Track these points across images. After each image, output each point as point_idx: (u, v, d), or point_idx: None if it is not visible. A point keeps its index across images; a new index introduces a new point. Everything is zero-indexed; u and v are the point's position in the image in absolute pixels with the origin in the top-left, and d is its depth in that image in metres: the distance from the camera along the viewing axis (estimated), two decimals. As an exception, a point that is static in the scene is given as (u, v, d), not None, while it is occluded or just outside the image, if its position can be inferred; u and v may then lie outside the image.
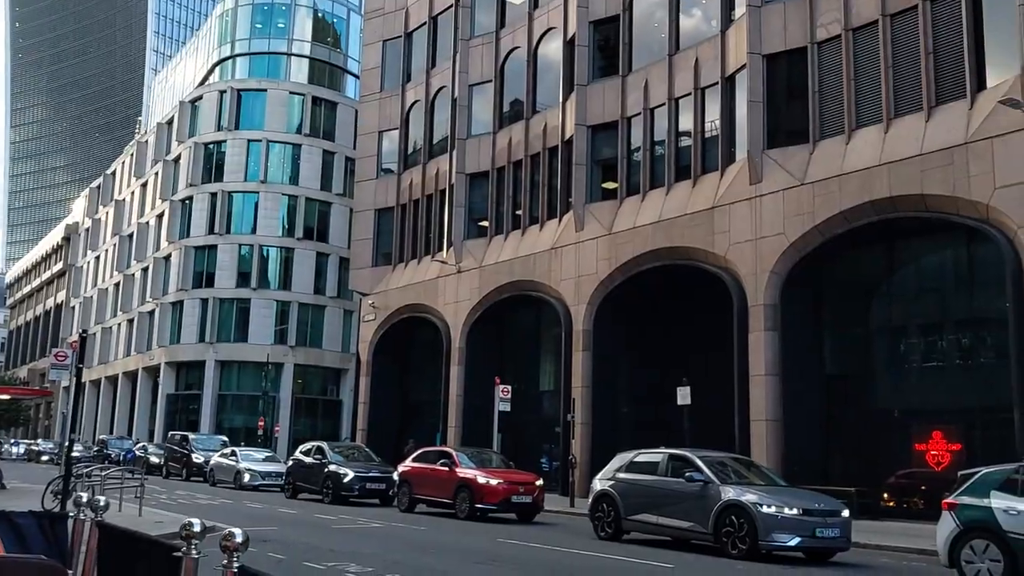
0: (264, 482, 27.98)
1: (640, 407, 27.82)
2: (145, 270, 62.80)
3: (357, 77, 55.38)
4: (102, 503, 4.54)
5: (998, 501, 10.40)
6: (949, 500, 11.00)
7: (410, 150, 39.16)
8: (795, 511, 12.63)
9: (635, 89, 28.49)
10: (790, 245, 22.86)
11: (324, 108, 59.51)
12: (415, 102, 39.05)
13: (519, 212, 32.78)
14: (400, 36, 40.33)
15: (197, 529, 3.58)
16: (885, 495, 22.06)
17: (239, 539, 3.28)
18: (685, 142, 26.90)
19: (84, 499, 4.69)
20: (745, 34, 24.28)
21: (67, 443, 15.98)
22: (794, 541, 12.52)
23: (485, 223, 34.10)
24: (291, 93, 58.77)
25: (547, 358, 32.45)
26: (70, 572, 4.12)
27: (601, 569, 11.23)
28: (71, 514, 4.85)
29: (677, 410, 22.78)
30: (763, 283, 23.17)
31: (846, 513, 13.19)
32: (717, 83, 25.82)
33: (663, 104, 27.50)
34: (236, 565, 3.26)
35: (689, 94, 26.76)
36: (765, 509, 12.61)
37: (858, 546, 15.01)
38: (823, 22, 23.13)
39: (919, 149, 20.45)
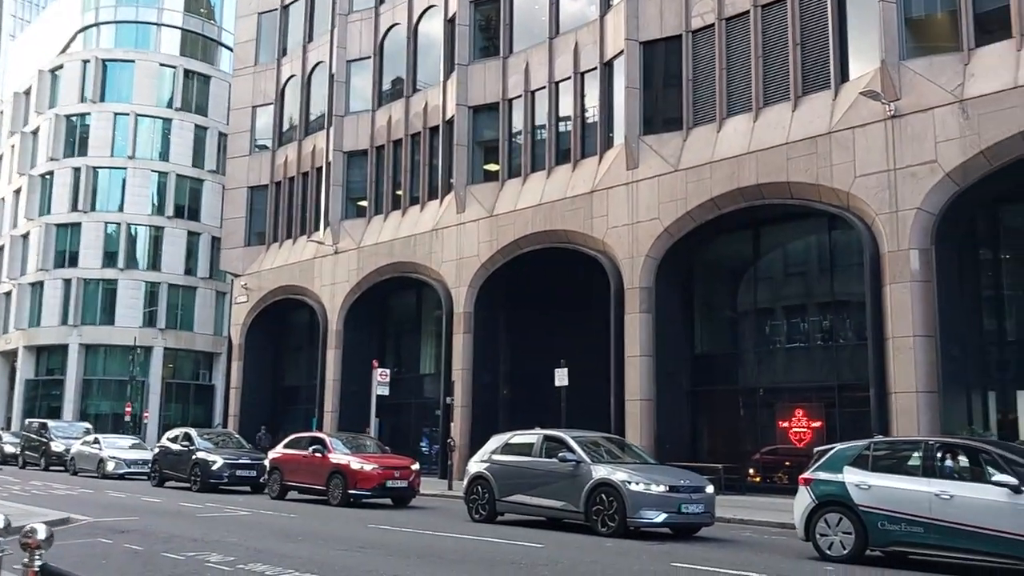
0: (130, 470, 26.78)
1: (520, 389, 27.96)
2: (1, 248, 59.04)
3: (231, 50, 53.44)
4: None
5: (850, 476, 10.86)
6: (805, 475, 11.42)
7: (286, 126, 38.08)
8: (662, 488, 12.89)
9: (516, 71, 28.46)
10: (664, 230, 23.33)
11: (197, 81, 57.25)
12: (291, 77, 37.95)
13: (399, 192, 32.34)
14: (276, 9, 39.11)
15: (1, 525, 3.26)
16: (751, 471, 22.91)
17: (41, 536, 2.96)
18: (565, 126, 27.06)
19: None
20: (623, 20, 24.56)
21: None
22: (661, 517, 12.79)
23: (364, 203, 33.51)
24: (161, 65, 56.29)
25: (428, 341, 32.24)
26: None
27: (472, 551, 11.15)
28: None
29: (556, 391, 23.01)
30: (639, 266, 23.58)
31: (710, 489, 13.56)
32: (596, 68, 26.07)
33: (544, 87, 27.58)
34: (38, 564, 2.94)
35: (569, 78, 26.92)
36: (633, 487, 12.82)
37: (724, 521, 15.52)
38: (698, 11, 23.60)
39: (785, 138, 21.16)
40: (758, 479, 22.71)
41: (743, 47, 22.60)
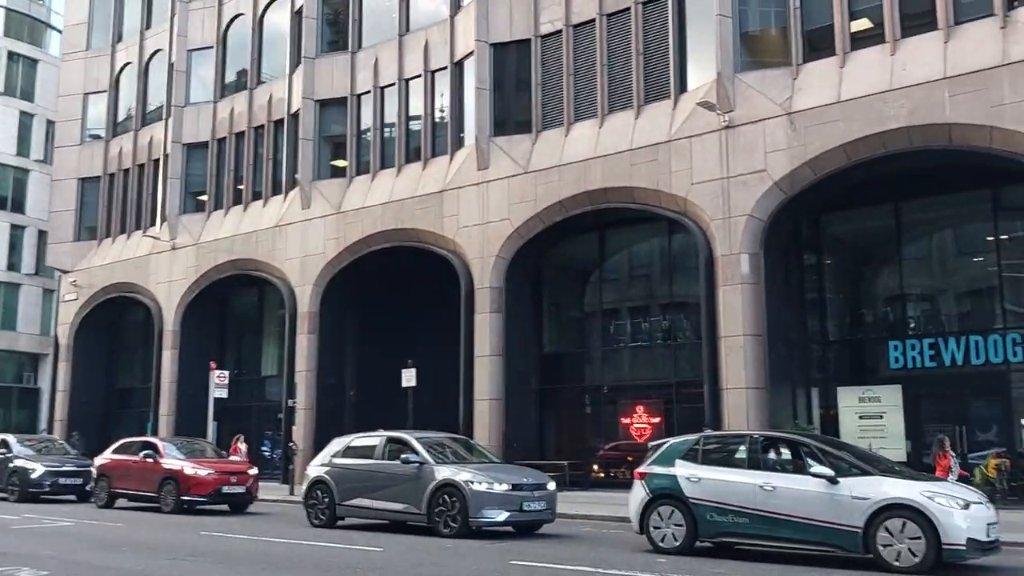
0: (-65, 482, 24.55)
1: (368, 390, 27.48)
2: None
3: (61, 32, 50.11)
4: None
5: (682, 469, 11.24)
6: (640, 470, 11.75)
7: (121, 116, 36.01)
8: (505, 487, 12.96)
9: (365, 67, 28.02)
10: (514, 231, 23.51)
11: (22, 65, 53.37)
12: (127, 64, 35.97)
13: (241, 187, 31.20)
14: (110, -10, 36.93)
15: None
16: (595, 466, 23.44)
17: None
18: (416, 124, 26.84)
19: None
20: (473, 21, 24.61)
21: None
22: (503, 516, 12.85)
23: (203, 197, 32.14)
24: (-19, 45, 52.10)
25: (271, 341, 31.27)
26: None
27: (306, 557, 10.83)
28: None
29: (405, 392, 22.76)
30: (489, 266, 23.68)
31: (552, 487, 13.73)
32: (447, 67, 26.00)
33: (393, 84, 27.27)
34: None
35: (420, 76, 26.71)
36: (476, 487, 12.83)
37: (567, 517, 15.78)
38: (547, 17, 23.92)
39: (629, 144, 21.75)
40: (602, 474, 23.25)
41: (589, 54, 23.08)
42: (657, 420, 22.44)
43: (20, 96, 52.54)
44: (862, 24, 19.35)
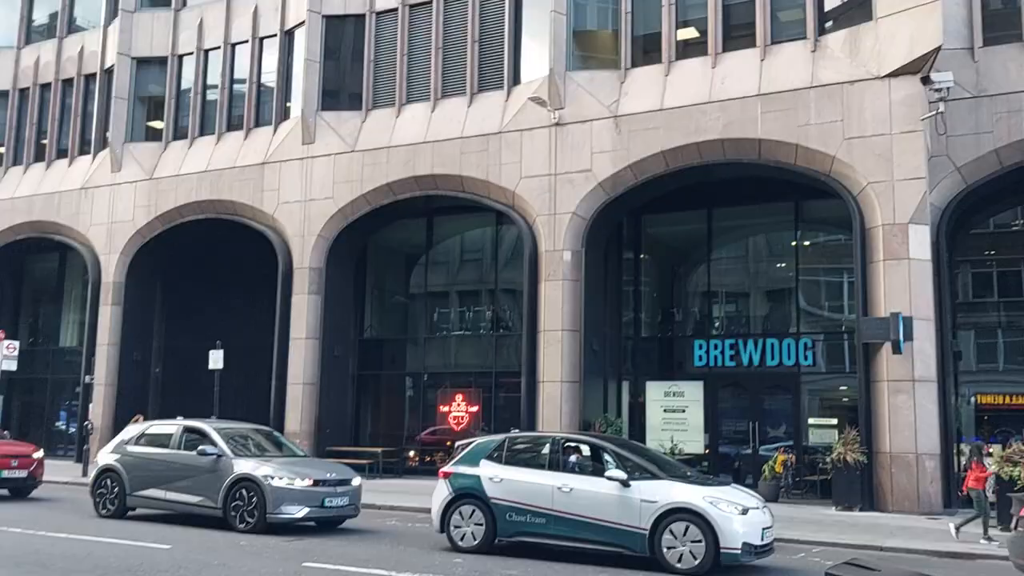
0: None
1: (175, 368, 26.16)
2: None
3: None
4: None
5: (485, 470, 11.29)
6: (445, 469, 11.72)
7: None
8: (306, 483, 12.61)
9: (189, 26, 26.49)
10: (338, 210, 22.92)
11: None
12: (-85, -4, 32.33)
13: (44, 142, 28.83)
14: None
15: None
16: (411, 453, 23.33)
17: None
18: (240, 91, 25.63)
19: None
20: (306, -10, 23.71)
21: None
22: (302, 512, 12.51)
23: (0, 149, 29.48)
24: None
25: (71, 311, 29.20)
26: None
27: (85, 556, 10.12)
28: None
29: (214, 373, 21.78)
30: (309, 246, 23.01)
31: (357, 481, 13.49)
32: (276, 35, 24.98)
33: (219, 47, 25.94)
34: None
35: (247, 41, 25.53)
36: (275, 482, 12.43)
37: (374, 508, 15.60)
38: (385, -9, 23.37)
39: (460, 132, 21.63)
40: (417, 462, 23.17)
41: (425, 36, 22.74)
42: (475, 409, 22.60)
43: None
44: (688, 33, 20.05)
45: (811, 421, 19.71)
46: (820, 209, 19.88)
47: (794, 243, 20.68)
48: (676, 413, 20.65)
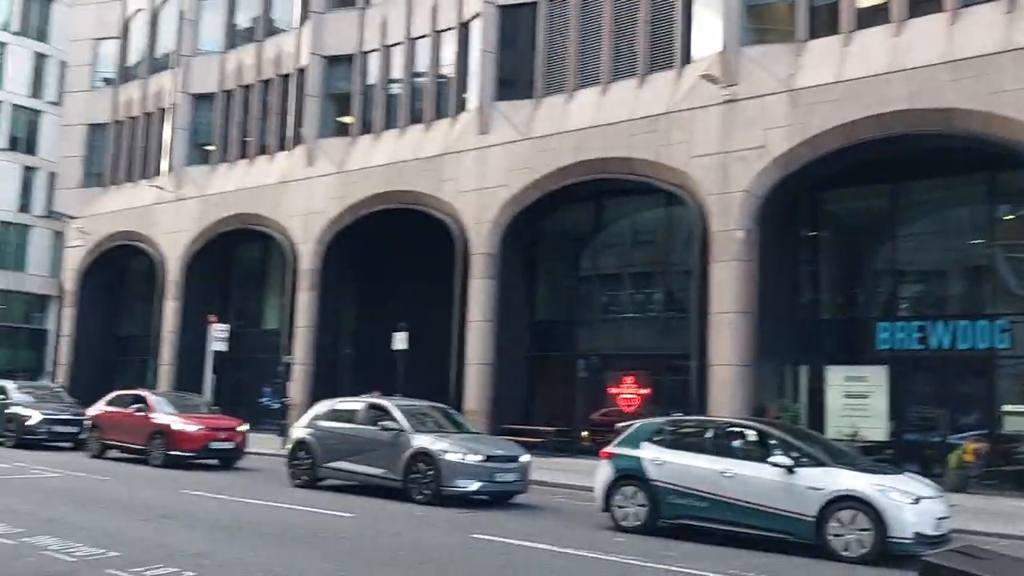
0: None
1: (365, 349, 27.75)
2: None
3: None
4: None
5: (647, 452, 11.43)
6: (607, 450, 11.96)
7: (130, 62, 35.98)
8: (478, 458, 13.21)
9: (373, 25, 27.87)
10: (512, 197, 23.53)
11: (37, 4, 53.19)
12: (138, 10, 35.82)
13: (248, 139, 31.25)
14: (121, -65, 36.67)
15: None
16: (584, 433, 23.67)
17: None
18: (420, 85, 26.76)
19: None
20: (481, -18, 24.37)
21: None
22: (475, 486, 13.12)
23: (210, 148, 32.24)
24: (-4, -17, 51.93)
25: (273, 296, 31.55)
26: None
27: (277, 521, 11.13)
28: None
29: (398, 353, 22.98)
30: (485, 232, 23.76)
31: (525, 458, 13.97)
32: (454, 28, 25.83)
33: (401, 43, 27.13)
34: None
35: (427, 36, 26.58)
36: (449, 457, 13.09)
37: (544, 485, 16.07)
38: (556, -21, 23.67)
39: (630, 114, 21.63)
40: (590, 441, 23.47)
41: (596, 21, 22.85)
42: (645, 391, 22.63)
43: (35, 37, 52.47)
44: (869, 1, 19.07)
45: (1007, 408, 18.37)
46: (1017, 181, 18.44)
47: (988, 218, 19.28)
48: (858, 399, 19.80)
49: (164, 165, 33.01)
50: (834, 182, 20.33)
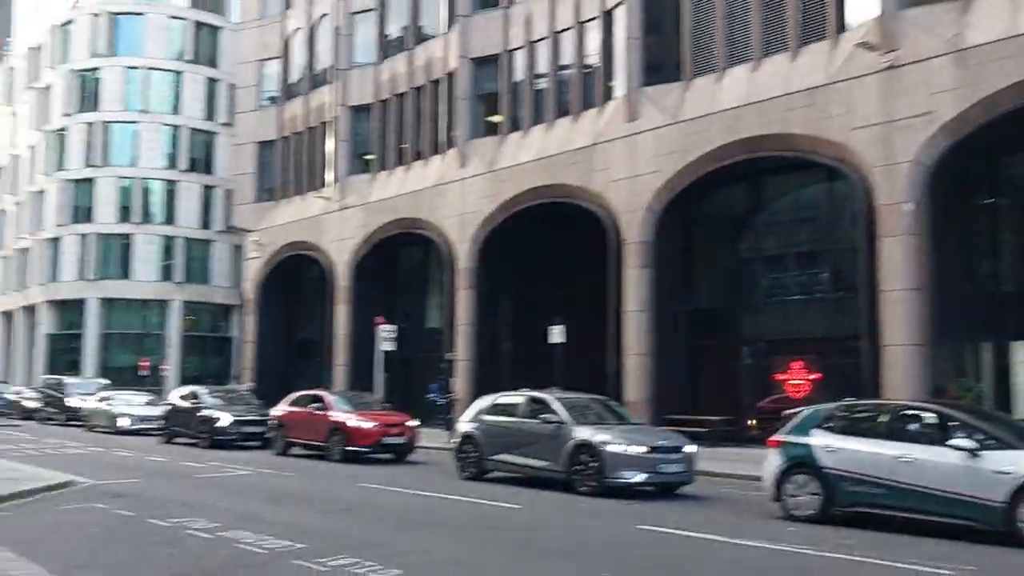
0: (142, 426, 27.38)
1: (522, 343, 28.23)
2: (18, 204, 59.78)
3: None
4: None
5: (818, 439, 11.06)
6: (776, 438, 11.64)
7: (292, 80, 38.01)
8: (641, 449, 13.18)
9: (517, 22, 28.23)
10: (664, 183, 23.29)
11: (207, 33, 57.02)
12: (297, 29, 37.80)
13: (404, 146, 32.37)
14: (279, -40, 38.76)
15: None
16: (751, 422, 23.10)
17: None
18: (566, 78, 26.89)
19: None
20: (623, -32, 24.21)
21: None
22: (639, 477, 13.10)
23: (370, 157, 33.60)
24: (171, 17, 56.02)
25: (433, 296, 32.57)
26: None
27: (449, 512, 11.53)
28: None
29: (559, 345, 23.22)
30: (637, 221, 23.63)
31: (690, 448, 13.81)
32: (597, 17, 25.81)
33: (545, 38, 27.38)
34: None
35: (571, 28, 26.70)
36: (612, 448, 13.12)
37: (711, 475, 15.84)
38: (698, -42, 23.20)
39: (785, 89, 20.95)
40: (758, 431, 22.88)
41: (744, -4, 22.24)
42: (815, 376, 21.84)
43: (206, 63, 56.23)
44: (1043, -53, 17.63)
45: None
46: None
47: None
48: (1052, 376, 18.40)
49: (329, 176, 34.69)
50: (1010, 145, 18.95)
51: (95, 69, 55.05)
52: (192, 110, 55.28)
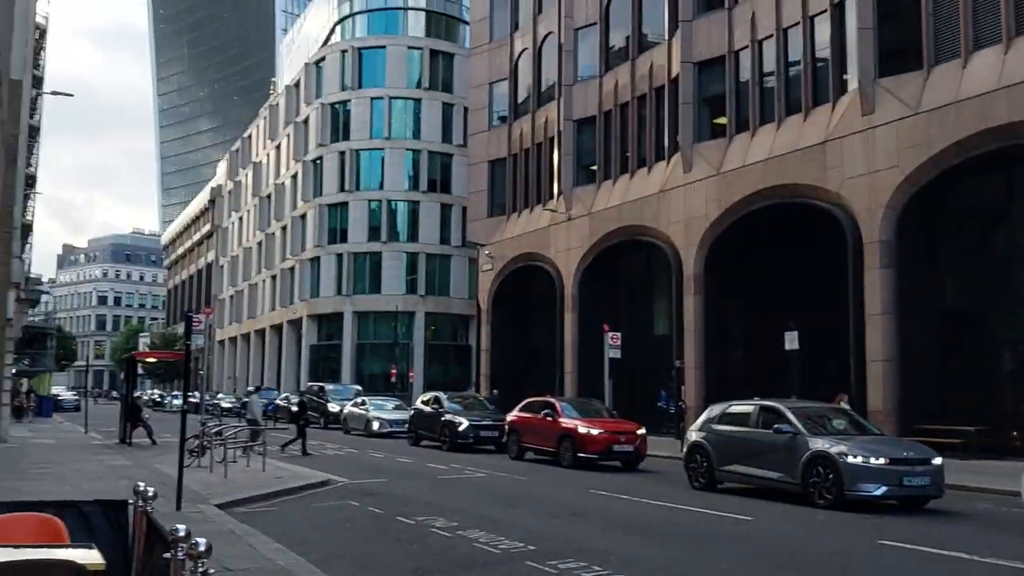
0: (392, 430, 29.45)
1: (754, 350, 27.50)
2: (284, 228, 65.94)
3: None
4: (150, 493, 5.15)
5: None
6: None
7: (519, 99, 39.37)
8: (882, 461, 12.50)
9: (742, 22, 27.67)
10: (905, 178, 21.96)
11: (442, 60, 60.19)
12: (523, 50, 39.13)
13: (627, 155, 32.60)
14: (507, -16, 40.34)
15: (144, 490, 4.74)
16: (1014, 432, 21.13)
17: (202, 548, 3.54)
18: (795, 74, 26.01)
19: (141, 487, 5.25)
20: (852, -43, 23.10)
21: (187, 403, 17.11)
22: (880, 491, 12.43)
23: (594, 168, 34.12)
24: (409, 48, 59.66)
25: (660, 302, 32.44)
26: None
27: (680, 523, 11.53)
28: (130, 501, 5.42)
29: (793, 352, 22.44)
30: (878, 219, 22.41)
31: (937, 461, 12.91)
32: (826, 10, 24.80)
33: (771, 35, 26.65)
34: (200, 572, 3.54)
35: (798, 23, 25.82)
36: (851, 459, 12.54)
37: (964, 489, 14.73)
38: (936, -64, 21.70)
39: (1042, 69, 19.11)
40: (1021, 442, 20.90)
41: (989, -28, 20.54)
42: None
43: (441, 89, 59.39)
44: None
45: None
46: None
47: None
48: None
49: (555, 189, 35.55)
50: None
51: (345, 101, 59.69)
52: (430, 134, 58.51)
